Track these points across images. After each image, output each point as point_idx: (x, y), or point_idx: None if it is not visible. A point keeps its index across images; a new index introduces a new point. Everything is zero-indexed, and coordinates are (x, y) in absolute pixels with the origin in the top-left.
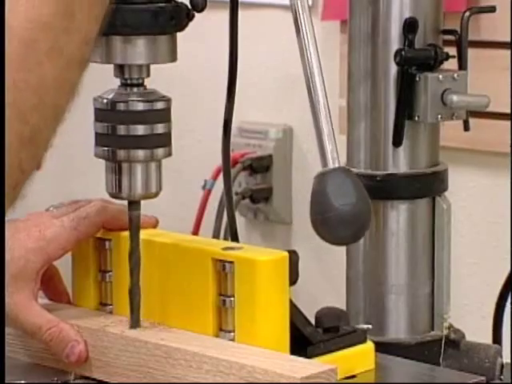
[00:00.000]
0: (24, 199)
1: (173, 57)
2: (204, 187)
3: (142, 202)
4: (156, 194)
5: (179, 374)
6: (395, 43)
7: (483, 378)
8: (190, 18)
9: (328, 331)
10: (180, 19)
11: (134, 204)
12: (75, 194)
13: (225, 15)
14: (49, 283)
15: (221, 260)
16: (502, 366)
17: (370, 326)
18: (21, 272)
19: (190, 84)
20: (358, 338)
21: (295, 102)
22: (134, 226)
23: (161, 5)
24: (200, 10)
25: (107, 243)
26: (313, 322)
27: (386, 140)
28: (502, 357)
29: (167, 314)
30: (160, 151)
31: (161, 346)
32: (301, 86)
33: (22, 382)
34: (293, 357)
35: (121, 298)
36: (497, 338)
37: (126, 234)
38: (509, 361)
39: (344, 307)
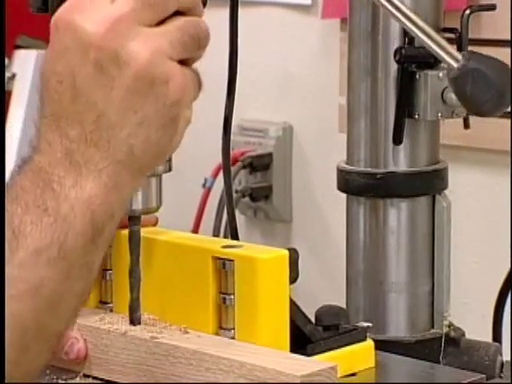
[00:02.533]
0: None
1: None
2: (204, 185)
3: None
4: (156, 209)
5: (179, 372)
6: (395, 41)
7: (483, 376)
8: None
9: (328, 329)
10: None
11: (134, 219)
12: None
13: (225, 13)
14: None
15: (221, 258)
16: (502, 364)
17: (370, 324)
18: None
19: None
20: (358, 336)
21: (295, 100)
22: (134, 241)
23: None
24: None
25: None
26: (313, 320)
27: (386, 138)
28: (501, 355)
29: (167, 313)
30: (160, 167)
31: (161, 344)
32: (301, 84)
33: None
34: (293, 355)
35: (120, 296)
36: (497, 336)
37: (126, 231)
38: (509, 359)
39: (344, 305)
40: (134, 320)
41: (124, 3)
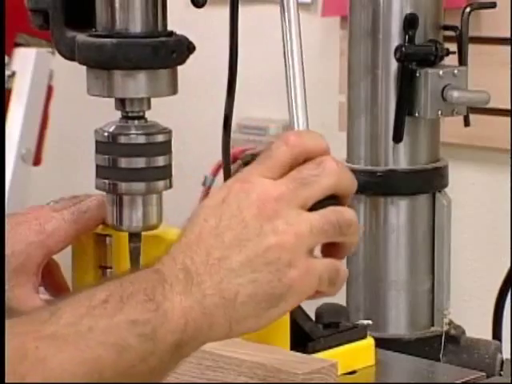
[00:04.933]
0: (26, 194)
1: (173, 89)
2: (204, 184)
3: None
4: (157, 226)
5: (179, 369)
6: (395, 39)
7: (483, 374)
8: (191, 50)
9: (328, 327)
10: (181, 53)
11: (134, 236)
12: (77, 191)
13: (225, 11)
14: (49, 278)
15: None
16: (502, 361)
17: (370, 322)
18: (22, 266)
19: (191, 80)
20: (358, 333)
21: None
22: (134, 258)
23: (162, 39)
24: (200, 6)
25: (107, 239)
26: (313, 317)
27: (386, 136)
28: (501, 353)
29: None
30: (160, 184)
31: None
32: None
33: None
34: (293, 352)
35: None
36: (497, 333)
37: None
38: (509, 357)
39: (344, 303)
40: None
41: (283, 184)
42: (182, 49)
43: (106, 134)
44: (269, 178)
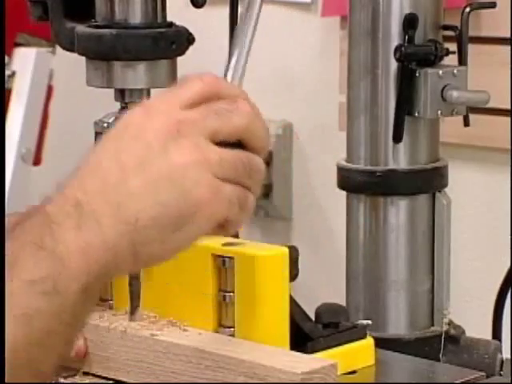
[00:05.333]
0: (26, 194)
1: (173, 80)
2: None
3: None
4: None
5: (179, 369)
6: (395, 39)
7: (483, 374)
8: (190, 41)
9: (328, 327)
10: (180, 44)
11: None
12: None
13: (225, 11)
14: None
15: (221, 256)
16: (502, 361)
17: (369, 322)
18: None
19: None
20: (357, 333)
21: (295, 98)
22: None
23: (161, 30)
24: (200, 6)
25: None
26: (312, 317)
27: (385, 136)
28: (501, 353)
29: (167, 310)
30: None
31: (160, 342)
32: (301, 82)
33: None
34: (293, 352)
35: (121, 293)
36: (496, 333)
37: None
38: (509, 356)
39: (344, 303)
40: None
41: (194, 110)
42: (182, 40)
43: (105, 125)
44: (175, 106)
